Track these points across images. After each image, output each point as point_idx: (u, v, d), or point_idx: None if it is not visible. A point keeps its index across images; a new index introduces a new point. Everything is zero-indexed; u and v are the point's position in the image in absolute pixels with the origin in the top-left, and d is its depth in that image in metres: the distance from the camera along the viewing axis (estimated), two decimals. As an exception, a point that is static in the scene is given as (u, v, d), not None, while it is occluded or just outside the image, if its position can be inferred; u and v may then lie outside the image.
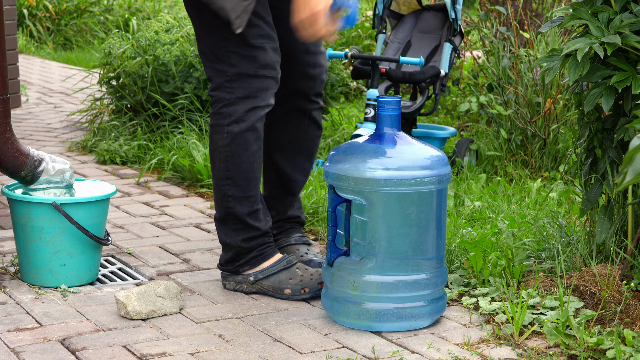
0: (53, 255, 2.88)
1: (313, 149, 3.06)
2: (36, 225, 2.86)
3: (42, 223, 2.86)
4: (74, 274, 2.91)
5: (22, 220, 2.88)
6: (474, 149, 4.51)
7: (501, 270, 2.88)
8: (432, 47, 4.52)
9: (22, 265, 2.94)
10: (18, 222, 2.90)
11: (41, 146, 5.02)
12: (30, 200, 2.85)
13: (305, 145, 3.04)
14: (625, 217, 2.82)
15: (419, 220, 2.53)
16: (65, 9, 9.78)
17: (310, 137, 3.03)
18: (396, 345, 2.49)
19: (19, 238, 2.92)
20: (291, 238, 3.11)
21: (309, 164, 3.07)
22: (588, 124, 2.88)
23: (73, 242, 2.89)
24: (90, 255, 2.93)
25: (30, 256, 2.90)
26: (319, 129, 3.04)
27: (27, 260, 2.91)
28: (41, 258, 2.88)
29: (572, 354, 2.42)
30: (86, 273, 2.93)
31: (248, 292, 2.84)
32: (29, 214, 2.86)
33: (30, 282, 2.92)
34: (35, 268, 2.90)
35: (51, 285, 2.90)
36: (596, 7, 2.70)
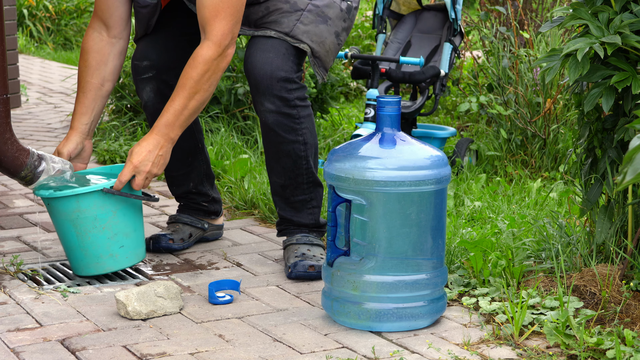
0: (111, 240, 2.90)
1: (277, 153, 3.04)
2: (89, 215, 2.86)
3: (95, 211, 2.86)
4: (132, 252, 2.95)
5: (72, 215, 2.87)
6: (474, 149, 4.51)
7: (501, 270, 2.88)
8: (432, 47, 4.52)
9: (79, 260, 2.93)
10: (67, 218, 2.88)
11: (41, 146, 5.02)
12: (79, 193, 2.84)
13: (269, 148, 3.07)
14: (625, 217, 2.82)
15: (419, 220, 2.53)
16: (65, 9, 9.78)
17: (269, 140, 3.05)
18: (396, 345, 2.49)
19: (70, 234, 2.90)
20: (293, 237, 3.12)
21: (279, 167, 3.06)
22: (588, 124, 2.88)
23: (126, 222, 2.91)
24: (141, 230, 2.97)
25: (88, 247, 2.90)
26: (275, 134, 3.02)
27: (85, 252, 2.91)
28: (100, 246, 2.90)
29: (572, 354, 2.42)
30: (141, 249, 2.98)
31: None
32: (79, 207, 2.85)
33: (91, 273, 2.94)
34: (95, 257, 2.91)
35: (114, 269, 2.94)
36: (596, 7, 2.70)
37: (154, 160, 2.87)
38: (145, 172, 2.87)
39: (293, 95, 2.98)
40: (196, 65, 2.85)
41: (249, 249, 3.33)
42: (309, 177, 3.08)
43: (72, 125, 3.07)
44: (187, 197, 3.34)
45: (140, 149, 2.87)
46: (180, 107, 2.87)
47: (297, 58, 3.01)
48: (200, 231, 3.34)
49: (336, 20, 3.07)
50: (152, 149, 2.87)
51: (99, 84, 3.07)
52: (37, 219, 3.68)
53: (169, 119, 2.88)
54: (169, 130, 2.88)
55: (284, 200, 3.12)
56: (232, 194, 3.94)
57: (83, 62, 3.08)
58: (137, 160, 2.86)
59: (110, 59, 3.07)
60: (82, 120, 3.07)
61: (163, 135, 2.88)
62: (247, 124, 4.83)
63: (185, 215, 3.33)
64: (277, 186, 3.11)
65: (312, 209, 3.11)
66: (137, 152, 2.87)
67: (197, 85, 2.85)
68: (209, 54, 2.84)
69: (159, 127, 2.88)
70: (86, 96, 3.06)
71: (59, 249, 3.30)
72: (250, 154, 4.44)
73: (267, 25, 3.00)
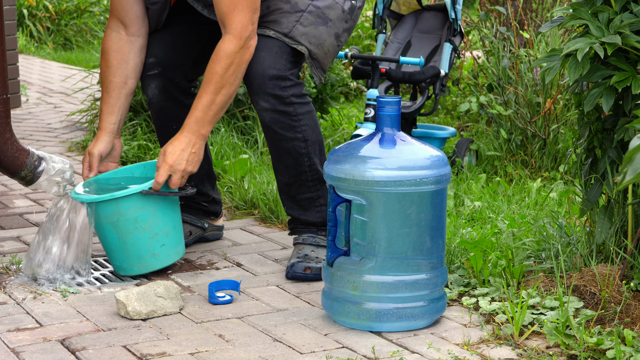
0: (152, 240, 2.92)
1: (277, 151, 3.04)
2: (129, 217, 2.88)
3: (135, 213, 2.88)
4: (173, 250, 2.98)
5: (112, 218, 2.88)
6: (474, 149, 4.51)
7: (501, 270, 2.88)
8: (432, 47, 4.52)
9: (121, 261, 2.96)
10: (107, 221, 2.90)
11: (41, 146, 5.02)
12: (119, 196, 2.86)
13: (270, 147, 3.08)
14: (625, 217, 2.82)
15: (419, 220, 2.53)
16: (65, 9, 9.78)
17: (268, 139, 3.06)
18: (396, 345, 2.49)
19: (112, 236, 2.92)
20: (300, 237, 3.12)
21: (282, 166, 3.07)
22: (588, 124, 2.88)
23: (165, 221, 2.93)
24: (180, 228, 3.00)
25: (129, 249, 2.92)
26: (273, 132, 3.02)
27: (127, 254, 2.93)
28: (141, 246, 2.92)
29: (572, 354, 2.42)
30: (181, 246, 3.01)
31: None
32: (119, 209, 2.87)
33: (135, 273, 2.96)
34: (137, 258, 2.93)
35: (157, 268, 2.97)
36: (596, 7, 2.70)
37: (187, 159, 2.89)
38: (181, 171, 2.89)
39: (288, 92, 2.98)
40: (219, 59, 2.86)
41: (249, 249, 3.33)
42: (314, 175, 3.07)
43: (101, 126, 3.08)
44: (187, 197, 3.35)
45: (174, 149, 2.89)
46: (208, 102, 2.88)
47: (293, 56, 3.00)
48: (200, 230, 3.34)
49: (337, 21, 3.07)
50: (184, 147, 2.89)
51: (122, 82, 3.08)
52: (37, 219, 3.68)
53: (198, 116, 2.89)
54: (199, 127, 2.90)
55: (290, 199, 3.12)
56: (232, 194, 3.94)
57: (104, 62, 3.09)
58: (172, 160, 2.88)
59: (131, 57, 3.09)
60: (109, 119, 3.08)
61: (194, 133, 2.90)
62: (247, 124, 4.83)
63: (185, 214, 3.33)
64: (283, 184, 3.11)
65: (320, 207, 3.11)
66: (171, 152, 2.88)
67: (223, 79, 2.87)
68: (231, 48, 2.85)
69: (189, 125, 2.90)
70: (111, 95, 3.08)
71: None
72: (250, 154, 4.44)
73: (267, 25, 3.00)
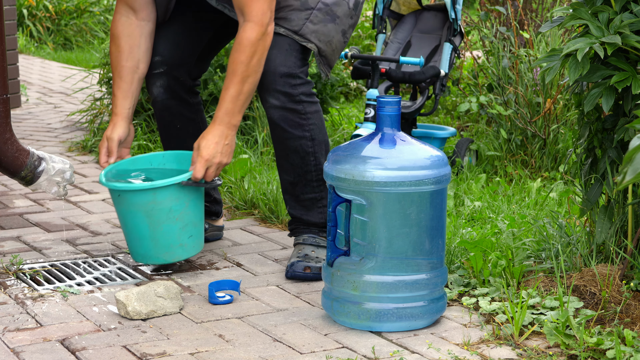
0: (182, 230, 2.94)
1: (285, 149, 3.04)
2: (164, 207, 2.89)
3: (170, 203, 2.89)
4: (198, 242, 3.00)
5: (146, 207, 2.88)
6: (474, 149, 4.51)
7: (501, 270, 2.88)
8: (432, 47, 4.52)
9: (147, 250, 2.96)
10: (141, 209, 2.89)
11: (41, 146, 5.02)
12: (157, 186, 2.86)
13: (277, 145, 3.08)
14: (625, 217, 2.82)
15: (419, 220, 2.53)
16: (65, 9, 9.78)
17: (276, 136, 3.05)
18: (396, 345, 2.49)
19: (142, 225, 2.92)
20: (300, 237, 3.12)
21: (288, 164, 3.06)
22: (588, 124, 2.88)
23: (195, 212, 2.95)
24: (203, 220, 3.03)
25: (159, 238, 2.93)
26: (281, 129, 3.02)
27: (155, 243, 2.93)
28: (171, 236, 2.93)
29: (572, 354, 2.42)
30: (202, 238, 3.04)
31: None
32: (155, 199, 2.87)
33: (159, 262, 2.98)
34: (165, 248, 2.95)
35: (182, 258, 2.99)
36: (596, 7, 2.70)
37: (221, 151, 2.90)
38: (216, 164, 2.91)
39: (298, 90, 2.99)
40: (243, 49, 2.86)
41: (249, 249, 3.33)
42: (319, 175, 3.07)
43: (116, 111, 3.07)
44: None
45: (208, 142, 2.89)
46: (236, 93, 2.89)
47: (302, 54, 3.01)
48: None
49: (344, 18, 3.08)
50: (218, 140, 2.90)
51: (134, 66, 3.08)
52: (37, 219, 3.68)
53: (228, 107, 2.90)
54: (230, 117, 2.91)
55: (294, 199, 3.12)
56: (232, 194, 3.94)
57: (115, 47, 3.09)
58: (207, 153, 2.89)
59: (142, 41, 3.09)
60: (124, 105, 3.08)
61: (226, 124, 2.91)
62: (247, 124, 4.83)
63: None
64: (287, 183, 3.11)
65: (322, 208, 3.11)
66: (205, 146, 2.89)
67: (248, 69, 2.87)
68: (253, 35, 2.86)
69: (220, 117, 2.91)
70: (124, 80, 3.07)
71: (59, 249, 3.30)
72: (250, 154, 4.44)
73: (277, 22, 3.00)
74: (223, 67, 5.16)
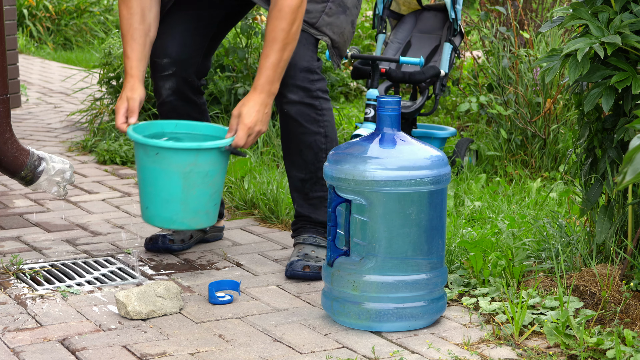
0: (211, 197, 2.89)
1: (299, 145, 3.05)
2: (201, 170, 2.84)
3: (208, 167, 2.84)
4: (217, 212, 2.96)
5: (185, 168, 2.83)
6: (474, 149, 4.51)
7: (501, 270, 2.88)
8: (432, 47, 4.52)
9: (173, 213, 2.89)
10: (178, 170, 2.83)
11: (41, 146, 5.02)
12: (202, 147, 2.82)
13: (290, 140, 3.07)
14: (625, 217, 2.82)
15: (419, 220, 2.53)
16: (65, 9, 9.78)
17: (290, 131, 3.05)
18: (396, 345, 2.49)
19: (176, 187, 2.85)
20: (300, 237, 3.12)
21: (301, 160, 3.06)
22: (588, 124, 2.88)
23: (222, 181, 2.92)
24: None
25: (189, 202, 2.87)
26: (297, 124, 3.03)
27: (185, 207, 2.87)
28: (201, 201, 2.88)
29: (572, 354, 2.42)
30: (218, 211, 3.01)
31: None
32: (197, 160, 2.82)
33: (183, 228, 2.92)
34: (193, 213, 2.89)
35: (205, 225, 2.94)
36: (596, 7, 2.70)
37: (262, 119, 2.88)
38: (257, 132, 2.87)
39: (315, 86, 3.01)
40: (284, 16, 2.85)
41: (249, 249, 3.33)
42: None
43: (132, 73, 2.98)
44: None
45: (250, 110, 2.86)
46: (277, 60, 2.87)
47: (315, 47, 3.04)
48: (201, 233, 3.34)
49: (353, 9, 3.11)
50: (259, 109, 2.87)
51: (147, 29, 3.03)
52: (37, 219, 3.68)
53: (269, 75, 2.88)
54: (270, 85, 2.88)
55: (302, 196, 3.12)
56: (232, 194, 3.94)
57: (127, 9, 3.02)
58: (250, 121, 2.85)
59: (153, 4, 3.04)
60: (140, 67, 3.00)
61: (266, 92, 2.88)
62: (247, 124, 4.83)
63: None
64: (297, 180, 3.11)
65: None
66: (248, 114, 2.85)
67: (289, 35, 2.86)
68: (294, 2, 2.85)
69: (262, 85, 2.88)
70: (138, 42, 3.00)
71: (59, 249, 3.30)
72: (250, 154, 4.44)
73: None
74: (223, 67, 5.16)
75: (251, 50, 5.09)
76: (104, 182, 4.29)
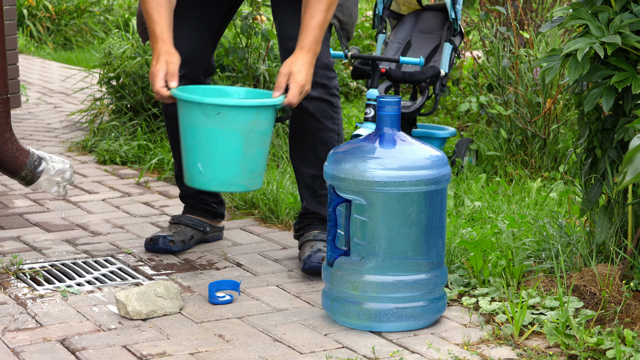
0: (264, 157, 2.83)
1: (314, 141, 3.07)
2: (260, 129, 2.78)
3: (265, 126, 2.78)
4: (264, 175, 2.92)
5: (247, 126, 2.75)
6: (474, 149, 4.51)
7: (501, 270, 2.88)
8: (432, 47, 4.52)
9: (232, 175, 2.81)
10: (240, 129, 2.75)
11: (41, 146, 5.02)
12: (263, 105, 2.77)
13: (304, 136, 3.07)
14: (625, 217, 2.82)
15: (419, 220, 2.53)
16: (65, 9, 9.78)
17: (308, 129, 3.05)
18: (396, 345, 2.49)
19: (236, 147, 2.77)
20: (310, 234, 3.12)
21: (314, 156, 3.07)
22: (588, 124, 2.88)
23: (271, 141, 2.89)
24: None
25: (248, 162, 2.80)
26: (314, 120, 3.04)
27: (244, 167, 2.80)
28: (257, 162, 2.82)
29: (572, 354, 2.42)
30: None
31: None
32: (258, 118, 2.77)
33: (240, 190, 2.85)
34: (250, 174, 2.82)
35: (257, 188, 2.85)
36: (596, 7, 2.70)
37: (309, 79, 2.87)
38: (305, 91, 2.85)
39: (332, 83, 3.04)
40: None
41: (249, 249, 3.33)
42: None
43: (164, 38, 2.88)
44: (198, 198, 3.33)
45: (300, 68, 2.83)
46: (322, 20, 2.87)
47: (329, 43, 3.05)
48: (201, 234, 3.34)
49: None
50: (308, 68, 2.85)
51: None
52: (37, 219, 3.68)
53: (316, 35, 2.87)
54: (316, 45, 2.88)
55: (311, 194, 3.13)
56: (232, 194, 3.94)
57: None
58: (303, 79, 2.82)
59: None
60: (170, 32, 2.91)
61: (313, 53, 2.87)
62: (247, 124, 4.83)
63: (190, 217, 3.32)
64: (308, 177, 3.12)
65: None
66: (299, 72, 2.83)
67: None
68: None
69: (309, 45, 2.86)
70: (164, 7, 2.91)
71: (59, 249, 3.30)
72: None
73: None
74: (223, 67, 5.16)
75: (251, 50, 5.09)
76: (104, 182, 4.29)
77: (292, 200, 3.72)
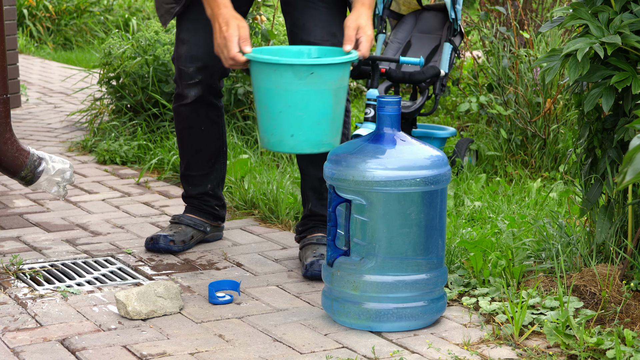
0: (340, 116, 2.78)
1: None
2: (344, 84, 2.75)
3: (346, 82, 2.76)
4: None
5: (337, 84, 2.71)
6: (474, 149, 4.51)
7: (501, 270, 2.88)
8: (432, 47, 4.52)
9: (323, 135, 2.74)
10: (331, 87, 2.71)
11: (41, 146, 5.02)
12: (348, 60, 2.73)
13: None
14: (625, 217, 2.82)
15: (419, 220, 2.53)
16: (65, 9, 9.78)
17: None
18: (396, 345, 2.49)
19: (328, 105, 2.71)
20: (313, 237, 3.12)
21: (322, 159, 3.07)
22: (588, 124, 2.88)
23: None
24: None
25: (335, 120, 2.75)
26: None
27: (332, 125, 2.75)
28: (340, 118, 2.77)
29: (572, 354, 2.42)
30: None
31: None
32: (344, 75, 2.74)
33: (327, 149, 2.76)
34: (336, 131, 2.76)
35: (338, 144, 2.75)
36: (596, 7, 2.70)
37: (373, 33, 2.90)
38: (371, 44, 2.87)
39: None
40: None
41: (249, 249, 3.33)
42: None
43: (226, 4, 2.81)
44: (201, 199, 3.33)
45: (368, 22, 2.85)
46: None
47: None
48: (202, 234, 3.34)
49: None
50: (370, 23, 2.88)
51: None
52: (37, 219, 3.68)
53: None
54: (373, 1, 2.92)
55: (317, 196, 3.14)
56: (232, 194, 3.94)
57: None
58: (371, 32, 2.84)
59: None
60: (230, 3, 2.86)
61: (370, 7, 2.90)
62: (247, 124, 4.83)
63: (191, 217, 3.32)
64: (315, 179, 3.13)
65: None
66: (367, 25, 2.84)
67: None
68: None
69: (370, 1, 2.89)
70: None
71: (59, 249, 3.30)
72: (250, 154, 4.44)
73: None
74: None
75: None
76: (104, 182, 4.29)
77: (292, 200, 3.72)
